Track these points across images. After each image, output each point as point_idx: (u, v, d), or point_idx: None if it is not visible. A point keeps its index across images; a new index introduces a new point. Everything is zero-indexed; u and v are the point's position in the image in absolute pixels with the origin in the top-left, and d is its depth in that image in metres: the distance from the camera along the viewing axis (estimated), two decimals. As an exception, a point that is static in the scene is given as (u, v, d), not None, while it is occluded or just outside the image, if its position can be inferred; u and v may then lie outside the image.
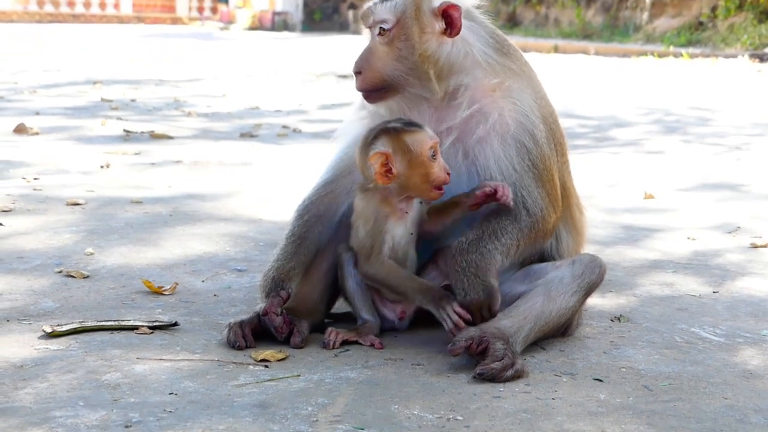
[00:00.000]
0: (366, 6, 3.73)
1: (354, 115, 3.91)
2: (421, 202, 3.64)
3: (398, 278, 3.57)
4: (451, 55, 3.65)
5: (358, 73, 3.68)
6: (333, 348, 3.51)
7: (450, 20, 3.64)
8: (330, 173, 3.83)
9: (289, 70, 17.48)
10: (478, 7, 3.80)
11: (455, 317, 3.43)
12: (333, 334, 3.55)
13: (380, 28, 3.64)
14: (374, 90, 3.68)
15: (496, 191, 3.53)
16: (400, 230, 3.61)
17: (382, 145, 3.53)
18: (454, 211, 3.64)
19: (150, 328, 3.63)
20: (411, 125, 3.56)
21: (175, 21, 44.56)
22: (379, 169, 3.51)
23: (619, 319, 3.99)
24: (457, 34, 3.65)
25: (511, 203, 3.55)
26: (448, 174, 3.57)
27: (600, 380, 3.29)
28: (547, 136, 3.71)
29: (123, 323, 3.65)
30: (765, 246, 5.26)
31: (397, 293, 3.62)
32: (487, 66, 3.68)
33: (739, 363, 3.51)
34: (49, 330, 3.53)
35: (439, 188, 3.56)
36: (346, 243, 3.68)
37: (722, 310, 4.15)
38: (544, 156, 3.67)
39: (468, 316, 3.44)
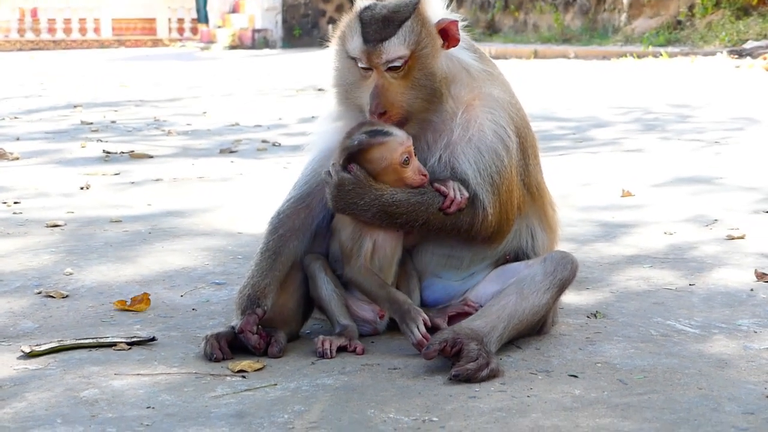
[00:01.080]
0: (368, 47, 3.61)
1: (324, 125, 3.91)
2: None
3: (371, 285, 3.61)
4: (449, 68, 3.68)
5: (382, 114, 3.60)
6: (331, 357, 3.52)
7: (447, 34, 3.68)
8: (304, 186, 3.82)
9: (269, 87, 17.49)
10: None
11: (418, 336, 3.45)
12: (326, 342, 3.56)
13: (394, 63, 3.59)
14: (401, 121, 3.64)
15: (446, 195, 3.58)
16: (382, 234, 3.64)
17: (353, 165, 3.57)
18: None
19: (128, 344, 3.64)
20: (378, 135, 3.58)
21: (156, 43, 44.51)
22: None
23: (595, 315, 4.01)
24: (455, 46, 3.69)
25: (452, 211, 3.59)
26: (424, 175, 3.61)
27: (575, 376, 3.31)
28: (517, 146, 3.74)
29: (101, 340, 3.67)
30: (741, 237, 5.29)
31: (370, 299, 3.65)
32: (473, 73, 3.71)
33: (714, 353, 3.53)
34: (27, 350, 3.54)
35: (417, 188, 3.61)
36: (312, 254, 3.73)
37: (698, 302, 4.18)
38: (511, 167, 3.70)
39: (428, 336, 3.45)
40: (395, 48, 3.58)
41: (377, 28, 3.61)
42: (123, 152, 9.13)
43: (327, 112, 3.89)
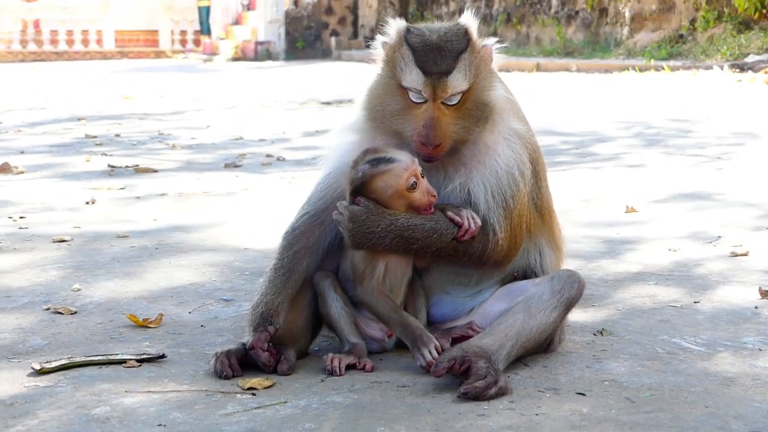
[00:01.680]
0: (429, 79, 3.58)
1: (340, 139, 3.88)
2: None
3: (384, 307, 3.64)
4: (496, 97, 3.73)
5: (437, 145, 3.59)
6: (340, 375, 3.54)
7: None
8: (318, 203, 3.82)
9: (272, 99, 17.53)
10: None
11: (429, 359, 3.48)
12: (335, 360, 3.58)
13: (452, 96, 3.60)
14: (445, 152, 3.66)
15: (462, 224, 3.61)
16: (395, 256, 3.68)
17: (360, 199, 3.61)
18: None
19: (138, 361, 3.67)
20: (381, 163, 3.60)
21: (159, 54, 44.59)
22: None
23: (601, 332, 4.04)
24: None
25: (466, 239, 3.62)
26: (434, 196, 3.63)
27: (583, 394, 3.34)
28: (531, 172, 3.78)
29: (111, 357, 3.69)
30: (745, 254, 5.31)
31: (382, 322, 3.68)
32: (504, 103, 3.75)
33: (719, 371, 3.56)
34: (38, 367, 3.57)
35: (427, 209, 3.63)
36: (322, 271, 3.75)
37: (703, 320, 4.21)
38: (524, 192, 3.73)
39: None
40: (458, 83, 3.59)
41: (435, 59, 3.58)
42: (128, 166, 9.17)
43: (344, 124, 3.87)
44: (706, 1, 24.49)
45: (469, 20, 3.72)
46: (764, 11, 22.64)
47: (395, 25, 3.75)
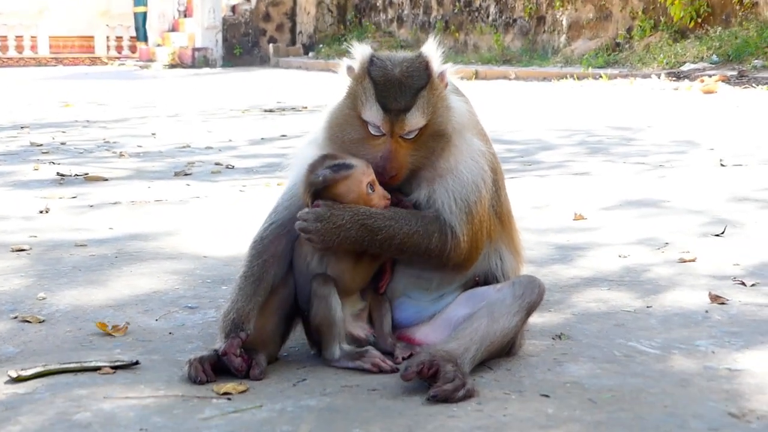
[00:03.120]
0: (389, 116, 3.71)
1: (306, 150, 3.93)
2: None
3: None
4: (454, 122, 3.86)
5: (394, 176, 3.75)
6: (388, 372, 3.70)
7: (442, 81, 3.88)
8: (284, 212, 3.91)
9: (214, 107, 17.58)
10: None
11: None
12: (381, 362, 3.74)
13: (411, 133, 3.74)
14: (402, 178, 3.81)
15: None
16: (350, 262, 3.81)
17: (320, 202, 3.72)
18: None
19: (112, 367, 3.74)
20: (342, 168, 3.73)
21: (94, 61, 44.38)
22: None
23: (560, 336, 4.17)
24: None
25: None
26: (388, 199, 3.78)
27: (547, 396, 3.47)
28: (491, 179, 3.92)
29: (85, 365, 3.76)
30: (693, 260, 5.48)
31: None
32: (465, 120, 3.89)
33: (676, 373, 3.70)
34: (14, 374, 3.63)
35: None
36: (322, 275, 3.81)
37: (656, 324, 4.35)
38: (485, 198, 3.87)
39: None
40: (416, 120, 3.72)
41: (395, 95, 3.71)
42: (77, 175, 9.20)
43: (311, 137, 3.99)
44: (643, 10, 24.87)
45: (431, 52, 3.85)
46: (699, 20, 23.04)
47: (360, 52, 3.86)
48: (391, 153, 3.73)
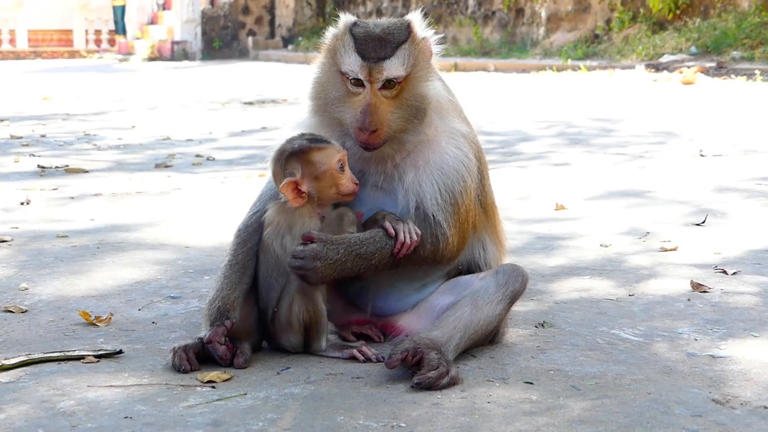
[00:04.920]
0: (367, 63, 3.71)
1: (289, 132, 3.99)
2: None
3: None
4: (434, 93, 3.86)
5: (373, 131, 3.71)
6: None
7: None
8: (269, 200, 3.89)
9: (194, 99, 17.55)
10: None
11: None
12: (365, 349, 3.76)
13: (389, 81, 3.72)
14: (383, 142, 3.77)
15: (398, 238, 3.74)
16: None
17: (291, 173, 3.71)
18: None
19: (96, 356, 3.74)
20: (317, 141, 3.76)
21: (73, 54, 44.18)
22: (291, 195, 3.70)
23: (542, 324, 4.18)
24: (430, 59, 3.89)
25: (401, 255, 3.75)
26: (356, 184, 3.79)
27: (531, 383, 3.48)
28: (477, 171, 3.92)
29: (69, 354, 3.76)
30: (674, 249, 5.50)
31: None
32: (444, 104, 3.89)
33: (658, 360, 3.72)
34: (-2, 363, 3.64)
35: (350, 196, 3.78)
36: None
37: (639, 312, 4.37)
38: (471, 189, 3.88)
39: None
40: (395, 68, 3.71)
41: (375, 47, 3.72)
42: (58, 167, 9.18)
43: (294, 122, 4.00)
44: (621, 2, 24.92)
45: (414, 16, 3.88)
46: (678, 12, 23.10)
47: (343, 19, 3.90)
48: (371, 106, 3.70)
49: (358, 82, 3.73)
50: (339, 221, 3.79)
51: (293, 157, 3.74)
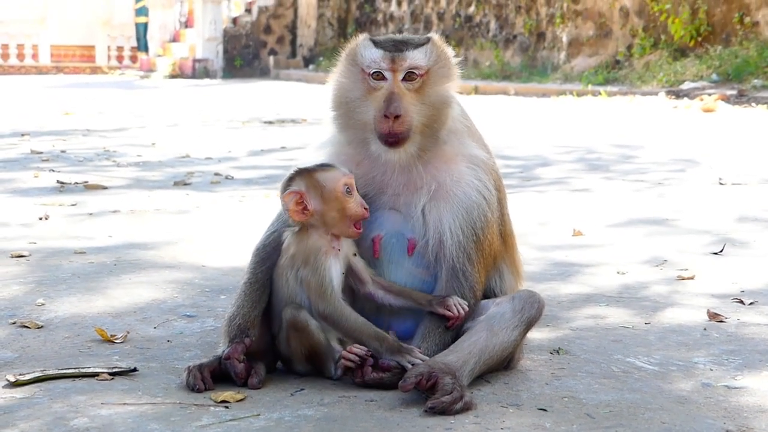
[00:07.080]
0: (389, 53, 3.76)
1: (312, 154, 4.01)
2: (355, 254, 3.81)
3: (356, 322, 3.71)
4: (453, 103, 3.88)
5: (397, 116, 3.71)
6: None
7: None
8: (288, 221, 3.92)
9: (213, 118, 17.60)
10: None
11: (416, 361, 3.61)
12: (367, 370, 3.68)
13: (411, 72, 3.75)
14: (406, 134, 3.76)
15: (449, 314, 3.77)
16: (336, 268, 3.77)
17: (296, 185, 3.74)
18: (405, 299, 3.83)
19: (110, 374, 3.75)
20: (323, 165, 3.80)
21: (95, 70, 44.44)
22: (294, 207, 3.72)
23: (558, 351, 4.17)
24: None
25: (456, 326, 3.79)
26: (366, 209, 3.77)
27: (544, 410, 3.47)
28: (497, 200, 3.93)
29: (83, 370, 3.77)
30: (691, 278, 5.48)
31: (351, 338, 3.74)
32: (461, 126, 3.90)
33: (673, 390, 3.71)
34: (12, 379, 3.64)
35: (358, 225, 3.76)
36: (293, 304, 3.74)
37: (654, 341, 4.36)
38: (492, 225, 3.90)
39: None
40: (417, 58, 3.75)
41: (396, 42, 3.79)
42: (77, 183, 9.21)
43: (318, 141, 4.03)
44: (643, 28, 24.91)
45: (434, 35, 3.93)
46: (699, 39, 23.07)
47: (362, 35, 3.94)
48: (393, 93, 3.73)
49: (379, 76, 3.76)
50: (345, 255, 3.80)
51: (298, 176, 3.77)
